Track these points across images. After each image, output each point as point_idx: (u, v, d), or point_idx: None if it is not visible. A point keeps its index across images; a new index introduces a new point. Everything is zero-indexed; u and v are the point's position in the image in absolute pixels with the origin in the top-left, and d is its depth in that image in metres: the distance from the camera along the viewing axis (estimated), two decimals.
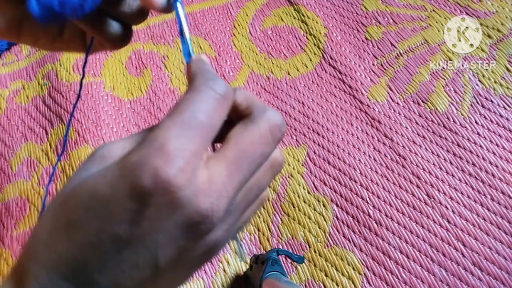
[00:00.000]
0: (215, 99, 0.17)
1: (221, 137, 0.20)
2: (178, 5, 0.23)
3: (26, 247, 0.18)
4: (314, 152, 0.86)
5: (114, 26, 0.26)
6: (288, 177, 0.84)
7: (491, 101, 0.88)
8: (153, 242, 0.16)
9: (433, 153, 0.83)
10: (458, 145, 0.84)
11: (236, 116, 0.20)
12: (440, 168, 0.81)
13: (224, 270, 0.75)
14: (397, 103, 0.90)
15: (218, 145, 0.20)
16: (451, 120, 0.87)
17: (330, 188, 0.82)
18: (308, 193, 0.82)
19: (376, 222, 0.77)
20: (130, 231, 0.16)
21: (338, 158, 0.85)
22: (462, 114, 0.87)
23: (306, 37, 1.03)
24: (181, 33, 0.22)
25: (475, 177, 0.80)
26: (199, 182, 0.16)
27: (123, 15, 0.26)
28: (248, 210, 0.20)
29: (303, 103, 0.92)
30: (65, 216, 0.17)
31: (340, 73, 0.96)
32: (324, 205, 0.80)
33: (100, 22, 0.25)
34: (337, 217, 0.79)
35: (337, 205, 0.80)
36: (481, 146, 0.83)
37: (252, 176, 0.18)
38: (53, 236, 0.16)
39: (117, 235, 0.16)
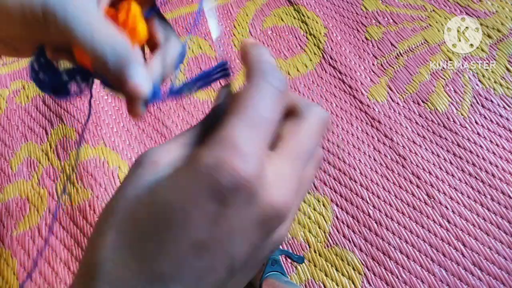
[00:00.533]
0: (275, 94, 0.17)
1: None
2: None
3: (85, 268, 0.17)
4: None
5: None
6: None
7: (491, 101, 0.88)
8: (231, 242, 0.16)
9: (433, 153, 0.83)
10: (458, 145, 0.83)
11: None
12: (440, 168, 0.81)
13: None
14: (397, 103, 0.90)
15: None
16: (451, 120, 0.87)
17: (330, 188, 0.82)
18: (308, 193, 0.82)
19: (376, 222, 0.77)
20: (209, 234, 0.15)
21: (338, 158, 0.85)
22: (462, 114, 0.87)
23: (306, 37, 1.03)
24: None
25: (475, 177, 0.80)
26: (270, 178, 0.16)
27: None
28: (300, 202, 0.21)
29: None
30: (136, 229, 0.16)
31: (340, 73, 0.96)
32: (324, 205, 0.80)
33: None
34: (337, 217, 0.79)
35: (337, 205, 0.80)
36: (481, 146, 0.83)
37: (305, 169, 0.19)
38: (123, 253, 0.16)
39: (195, 240, 0.15)
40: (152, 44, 0.25)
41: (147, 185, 0.17)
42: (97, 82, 0.24)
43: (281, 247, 0.77)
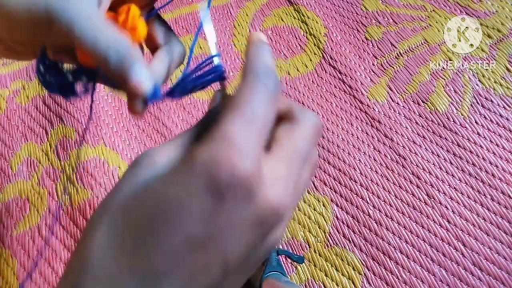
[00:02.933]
0: (268, 95, 0.18)
1: None
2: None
3: (75, 264, 0.17)
4: None
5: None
6: None
7: (491, 101, 0.88)
8: (226, 240, 0.16)
9: (433, 153, 0.83)
10: (458, 145, 0.84)
11: (277, 117, 0.20)
12: (440, 168, 0.81)
13: None
14: (397, 103, 0.90)
15: None
16: (451, 120, 0.87)
17: (330, 188, 0.82)
18: (308, 193, 0.82)
19: (376, 222, 0.77)
20: (205, 230, 0.15)
21: (338, 158, 0.85)
22: (462, 114, 0.87)
23: (306, 37, 1.03)
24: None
25: (475, 177, 0.80)
26: (267, 177, 0.16)
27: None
28: (295, 205, 0.21)
29: (303, 103, 0.92)
30: (129, 226, 0.16)
31: (340, 73, 0.96)
32: (324, 205, 0.80)
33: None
34: (337, 217, 0.79)
35: (337, 205, 0.80)
36: (481, 146, 0.83)
37: (300, 173, 0.19)
38: (114, 249, 0.16)
39: (190, 237, 0.15)
40: (152, 46, 0.26)
41: (143, 182, 0.17)
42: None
43: (281, 247, 0.77)
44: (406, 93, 0.91)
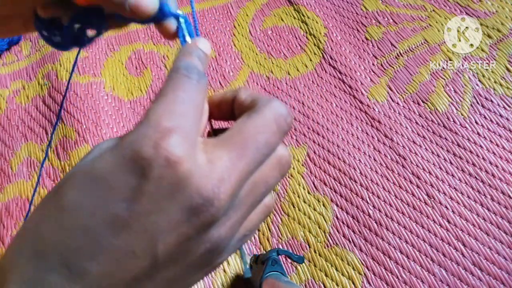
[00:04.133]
0: (190, 83, 0.17)
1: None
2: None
3: (12, 240, 0.17)
4: (314, 152, 0.86)
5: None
6: (288, 177, 0.84)
7: (491, 101, 0.88)
8: (153, 224, 0.15)
9: (433, 153, 0.83)
10: (458, 145, 0.83)
11: (241, 112, 0.19)
12: (440, 168, 0.81)
13: (224, 270, 0.75)
14: (397, 103, 0.90)
15: None
16: (451, 120, 0.87)
17: (330, 188, 0.82)
18: (308, 193, 0.82)
19: (376, 222, 0.77)
20: (129, 209, 0.15)
21: (338, 158, 0.85)
22: (462, 114, 0.87)
23: (306, 37, 1.03)
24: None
25: (475, 177, 0.80)
26: (199, 163, 0.15)
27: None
28: (253, 215, 0.19)
29: (303, 103, 0.92)
30: (56, 201, 0.16)
31: (340, 73, 0.96)
32: (324, 205, 0.80)
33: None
34: (337, 217, 0.79)
35: (337, 205, 0.80)
36: (481, 146, 0.83)
37: (257, 168, 0.17)
38: (41, 224, 0.15)
39: (114, 215, 0.15)
40: None
41: (79, 164, 0.17)
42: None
43: (281, 246, 0.77)
44: (406, 93, 0.91)
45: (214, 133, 0.21)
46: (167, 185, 0.15)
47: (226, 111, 0.21)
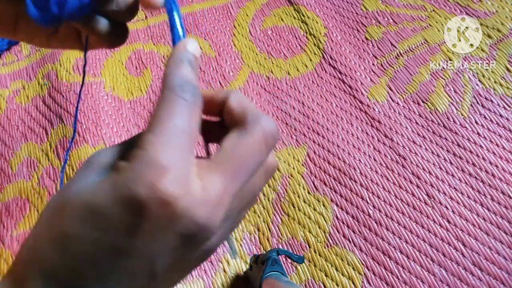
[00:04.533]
0: (186, 106, 0.17)
1: (217, 137, 0.20)
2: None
3: (24, 249, 0.18)
4: (314, 152, 0.86)
5: (105, 25, 0.26)
6: (288, 177, 0.84)
7: (491, 101, 0.88)
8: (151, 252, 0.16)
9: (433, 153, 0.83)
10: (458, 145, 0.84)
11: (230, 120, 0.19)
12: (440, 168, 0.81)
13: (224, 270, 0.75)
14: (397, 103, 0.90)
15: (213, 147, 0.20)
16: (451, 120, 0.87)
17: (330, 188, 0.82)
18: (308, 193, 0.82)
19: (376, 222, 0.77)
20: (128, 242, 0.16)
21: (338, 158, 0.85)
22: (462, 114, 0.87)
23: (306, 37, 1.03)
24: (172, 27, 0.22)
25: (475, 177, 0.80)
26: (194, 193, 0.16)
27: (111, 13, 0.25)
28: (241, 213, 0.20)
29: (303, 103, 0.92)
30: (60, 227, 0.16)
31: (340, 73, 0.96)
32: (324, 205, 0.80)
33: (92, 21, 0.25)
34: (337, 217, 0.79)
35: (337, 205, 0.80)
36: (481, 146, 0.83)
37: (247, 182, 0.18)
38: (48, 246, 0.17)
39: (114, 245, 0.16)
40: None
41: (81, 187, 0.17)
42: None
43: (281, 246, 0.77)
44: (406, 93, 0.91)
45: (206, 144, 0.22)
46: (162, 222, 0.16)
47: (214, 110, 0.21)
